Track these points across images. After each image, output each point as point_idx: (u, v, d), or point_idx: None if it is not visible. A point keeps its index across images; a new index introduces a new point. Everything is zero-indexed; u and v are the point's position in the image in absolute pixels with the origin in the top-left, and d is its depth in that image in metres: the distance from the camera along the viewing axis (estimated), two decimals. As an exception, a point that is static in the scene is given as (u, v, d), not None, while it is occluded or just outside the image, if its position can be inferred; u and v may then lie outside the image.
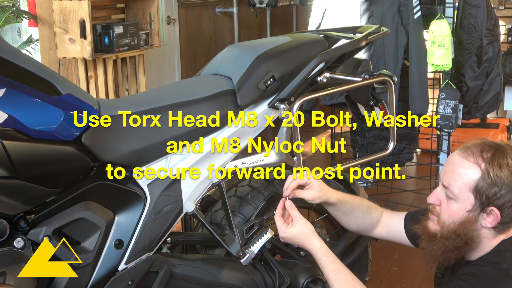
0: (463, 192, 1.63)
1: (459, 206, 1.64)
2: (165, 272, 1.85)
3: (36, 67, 1.66)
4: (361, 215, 1.93)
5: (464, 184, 1.63)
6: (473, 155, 1.64)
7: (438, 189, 1.71)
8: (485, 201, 1.61)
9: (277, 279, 2.02)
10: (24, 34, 4.36)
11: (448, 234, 1.66)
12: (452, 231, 1.66)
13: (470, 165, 1.63)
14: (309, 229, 1.78)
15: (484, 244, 1.67)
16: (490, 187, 1.60)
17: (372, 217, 1.95)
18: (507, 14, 5.44)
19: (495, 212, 1.61)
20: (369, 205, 1.97)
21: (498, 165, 1.61)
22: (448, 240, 1.66)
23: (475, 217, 1.63)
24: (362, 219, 1.93)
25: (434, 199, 1.70)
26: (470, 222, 1.64)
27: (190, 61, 5.48)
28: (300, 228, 1.78)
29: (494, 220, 1.62)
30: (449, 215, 1.67)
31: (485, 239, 1.66)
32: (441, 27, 3.28)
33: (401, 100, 3.65)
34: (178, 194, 1.85)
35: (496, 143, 1.67)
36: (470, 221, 1.64)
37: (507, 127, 4.90)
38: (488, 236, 1.66)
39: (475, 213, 1.63)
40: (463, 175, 1.63)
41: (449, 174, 1.66)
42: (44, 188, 1.65)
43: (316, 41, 2.01)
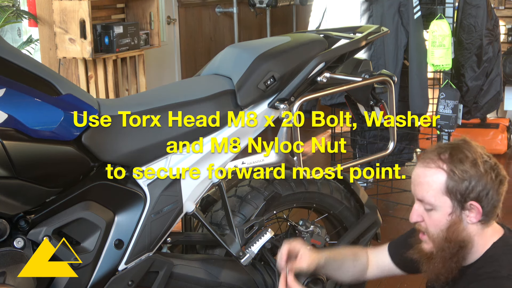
0: (438, 198, 1.64)
1: (440, 213, 1.65)
2: (165, 272, 1.85)
3: (36, 67, 1.66)
4: (350, 263, 1.94)
5: (436, 191, 1.64)
6: (432, 160, 1.65)
7: (415, 206, 1.71)
8: (461, 198, 1.63)
9: (277, 279, 2.02)
10: (24, 34, 4.36)
11: (441, 245, 1.67)
12: (443, 240, 1.66)
13: (433, 171, 1.64)
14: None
15: (475, 243, 1.67)
16: (460, 183, 1.62)
17: (360, 261, 1.95)
18: (507, 14, 5.44)
19: (475, 205, 1.63)
20: (354, 250, 1.98)
21: (459, 160, 1.63)
22: (443, 250, 1.67)
23: (458, 217, 1.64)
24: (353, 267, 1.94)
25: (416, 217, 1.71)
26: (456, 224, 1.65)
27: (190, 61, 5.48)
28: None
29: (477, 213, 1.63)
30: (435, 226, 1.67)
31: (476, 237, 1.67)
32: (441, 27, 3.28)
33: (401, 100, 3.65)
34: (178, 194, 1.85)
35: (449, 143, 1.70)
36: (455, 223, 1.65)
37: (507, 127, 4.90)
38: (477, 232, 1.67)
39: (457, 213, 1.64)
40: (431, 182, 1.65)
41: (419, 187, 1.68)
42: (44, 188, 1.65)
43: (316, 41, 2.01)
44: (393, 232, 3.48)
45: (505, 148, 4.83)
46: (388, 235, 3.39)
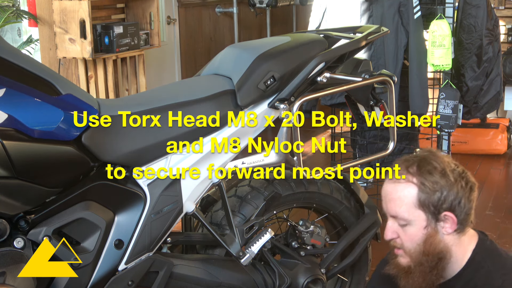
0: (412, 212, 1.63)
1: (415, 228, 1.64)
2: (165, 272, 1.85)
3: (36, 67, 1.66)
4: None
5: (408, 205, 1.63)
6: (401, 175, 1.65)
7: (389, 223, 1.70)
8: (435, 210, 1.62)
9: (277, 279, 2.03)
10: (24, 34, 4.36)
11: (419, 259, 1.65)
12: (421, 254, 1.65)
13: (403, 186, 1.64)
14: None
15: (454, 253, 1.66)
16: (431, 195, 1.61)
17: None
18: (507, 14, 5.44)
19: (449, 215, 1.62)
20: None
21: (428, 172, 1.62)
22: (422, 265, 1.65)
23: (434, 229, 1.63)
24: None
25: (391, 234, 1.69)
26: (432, 237, 1.64)
27: (190, 61, 5.48)
28: None
29: (452, 223, 1.63)
30: (411, 241, 1.66)
31: (453, 247, 1.66)
32: (441, 27, 3.28)
33: (401, 100, 3.65)
34: (178, 194, 1.85)
35: (415, 155, 1.68)
36: (431, 235, 1.64)
37: (507, 127, 4.91)
38: (454, 242, 1.66)
39: (432, 226, 1.63)
40: (402, 197, 1.64)
41: (390, 204, 1.67)
42: (44, 188, 1.65)
43: (316, 41, 2.01)
44: (393, 232, 3.48)
45: (505, 148, 4.83)
46: (388, 235, 3.39)
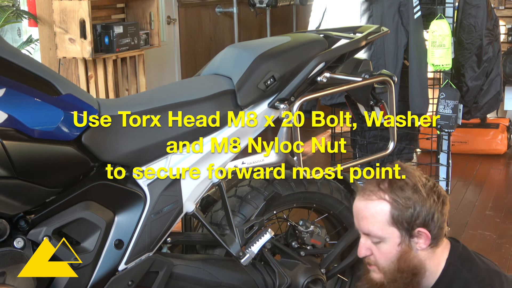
0: (385, 230, 1.61)
1: (389, 245, 1.62)
2: (165, 272, 1.85)
3: (36, 67, 1.66)
4: None
5: (381, 223, 1.61)
6: (373, 192, 1.63)
7: (362, 240, 1.68)
8: (408, 226, 1.60)
9: (277, 279, 2.02)
10: (24, 34, 4.36)
11: (393, 276, 1.63)
12: (395, 271, 1.63)
13: (376, 203, 1.62)
14: None
15: (428, 266, 1.64)
16: (404, 211, 1.59)
17: None
18: (507, 14, 5.44)
19: (423, 231, 1.60)
20: None
21: (400, 188, 1.60)
22: (396, 281, 1.63)
23: (408, 246, 1.62)
24: None
25: (364, 251, 1.67)
26: (406, 253, 1.62)
27: (190, 61, 5.48)
28: None
29: (426, 239, 1.61)
30: (385, 258, 1.64)
31: (427, 261, 1.64)
32: (441, 27, 3.28)
33: (401, 100, 3.65)
34: (178, 194, 1.85)
35: (387, 170, 1.66)
36: (405, 252, 1.62)
37: (507, 127, 4.91)
38: (428, 256, 1.64)
39: (406, 242, 1.61)
40: (375, 215, 1.62)
41: (363, 221, 1.65)
42: (44, 188, 1.65)
43: (316, 41, 2.01)
44: (393, 232, 3.48)
45: (505, 148, 4.83)
46: (388, 235, 3.39)
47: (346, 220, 2.27)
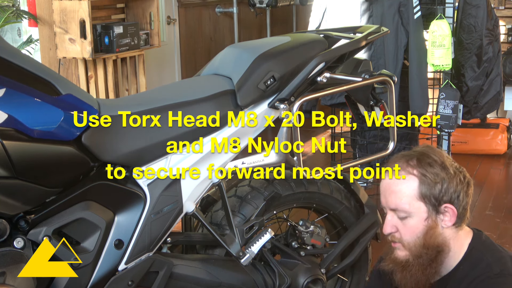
0: (412, 204, 1.63)
1: (415, 220, 1.64)
2: (165, 272, 1.85)
3: (36, 67, 1.66)
4: None
5: (409, 197, 1.63)
6: (402, 168, 1.65)
7: (388, 217, 1.69)
8: (435, 202, 1.62)
9: (277, 279, 2.02)
10: (24, 34, 4.36)
11: (419, 252, 1.65)
12: (421, 247, 1.65)
13: (405, 179, 1.64)
14: None
15: (452, 246, 1.66)
16: (432, 187, 1.62)
17: None
18: (507, 14, 5.44)
19: (450, 207, 1.63)
20: None
21: (428, 164, 1.63)
22: (421, 257, 1.65)
23: (434, 222, 1.64)
24: None
25: (390, 228, 1.69)
26: (432, 229, 1.64)
27: (190, 61, 5.48)
28: None
29: (452, 216, 1.64)
30: (411, 233, 1.66)
31: (451, 241, 1.66)
32: (441, 27, 3.28)
33: (401, 100, 3.65)
34: (178, 194, 1.85)
35: (413, 150, 1.69)
36: (432, 227, 1.64)
37: (507, 127, 4.91)
38: (453, 236, 1.66)
39: (432, 218, 1.64)
40: (403, 189, 1.64)
41: (391, 197, 1.67)
42: (44, 188, 1.65)
43: (316, 41, 2.01)
44: (393, 232, 3.48)
45: (505, 148, 4.84)
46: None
47: (346, 220, 2.27)
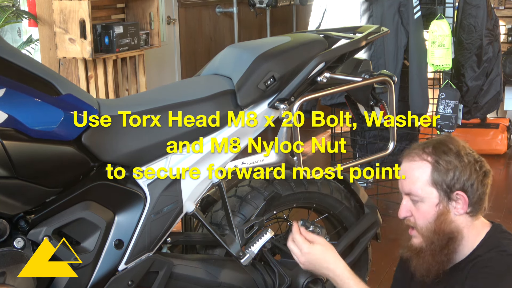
0: (425, 189, 1.68)
1: (427, 205, 1.68)
2: (165, 272, 1.85)
3: (36, 67, 1.66)
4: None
5: (422, 182, 1.68)
6: (417, 154, 1.70)
7: (403, 202, 1.74)
8: (447, 188, 1.66)
9: (277, 279, 2.02)
10: (24, 34, 4.36)
11: (430, 237, 1.69)
12: (432, 232, 1.68)
13: (419, 164, 1.69)
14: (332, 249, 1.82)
15: (466, 235, 1.69)
16: (445, 174, 1.66)
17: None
18: (507, 14, 5.44)
19: (461, 195, 1.65)
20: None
21: (443, 152, 1.67)
22: (432, 243, 1.69)
23: (445, 208, 1.67)
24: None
25: (404, 212, 1.74)
26: (444, 215, 1.67)
27: (190, 61, 5.48)
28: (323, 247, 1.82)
29: (464, 203, 1.66)
30: (423, 218, 1.70)
31: (465, 229, 1.69)
32: (441, 27, 3.28)
33: (401, 100, 3.65)
34: (178, 194, 1.85)
35: (433, 138, 1.75)
36: (443, 213, 1.67)
37: (507, 127, 4.91)
38: (467, 224, 1.69)
39: (443, 204, 1.67)
40: (417, 175, 1.69)
41: (406, 182, 1.72)
42: (44, 188, 1.65)
43: (316, 41, 2.01)
44: (393, 232, 3.48)
45: (505, 148, 4.84)
46: (388, 235, 3.40)
47: (346, 220, 2.27)
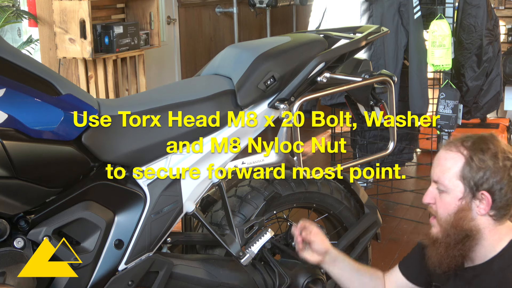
0: (452, 181, 1.66)
1: (451, 197, 1.67)
2: (165, 272, 1.85)
3: (36, 67, 1.66)
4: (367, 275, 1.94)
5: (451, 174, 1.67)
6: (455, 145, 1.69)
7: (430, 188, 1.74)
8: (474, 186, 1.64)
9: (277, 279, 2.03)
10: (24, 34, 4.36)
11: (447, 230, 1.68)
12: (449, 224, 1.67)
13: (453, 155, 1.67)
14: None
15: (486, 237, 1.67)
16: (475, 171, 1.64)
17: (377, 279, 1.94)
18: (507, 14, 5.44)
19: (486, 196, 1.63)
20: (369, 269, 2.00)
21: (480, 150, 1.65)
22: (448, 236, 1.67)
23: (467, 204, 1.66)
24: (370, 279, 1.94)
25: (429, 198, 1.73)
26: (464, 211, 1.66)
27: (190, 61, 5.48)
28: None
29: (486, 204, 1.64)
30: (444, 209, 1.69)
31: (486, 230, 1.67)
32: (441, 27, 3.28)
33: (401, 100, 3.65)
34: (178, 194, 1.85)
35: (477, 134, 1.72)
36: (464, 209, 1.66)
37: (507, 127, 4.90)
38: (488, 226, 1.67)
39: (466, 200, 1.66)
40: (448, 165, 1.68)
41: (437, 169, 1.71)
42: (44, 188, 1.65)
43: (316, 41, 2.01)
44: (393, 232, 3.48)
45: (505, 148, 4.82)
46: (388, 235, 3.40)
47: (346, 220, 2.27)
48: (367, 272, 1.96)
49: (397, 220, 3.69)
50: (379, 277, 1.95)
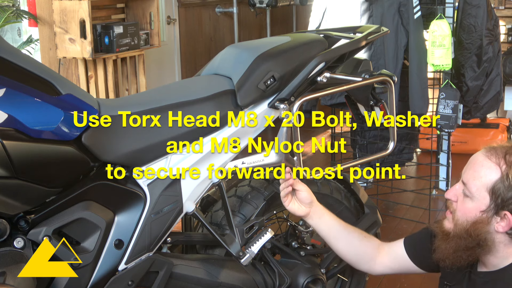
0: (480, 191, 1.61)
1: (473, 205, 1.62)
2: (165, 272, 1.85)
3: (36, 67, 1.66)
4: (357, 236, 1.90)
5: (482, 183, 1.61)
6: (496, 155, 1.61)
7: (457, 185, 1.69)
8: (500, 203, 1.59)
9: (277, 279, 2.03)
10: (24, 34, 4.36)
11: (460, 233, 1.65)
12: (464, 230, 1.64)
13: (491, 165, 1.60)
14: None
15: (500, 250, 1.64)
16: (507, 190, 1.58)
17: (370, 242, 1.91)
18: (507, 14, 5.45)
19: (509, 217, 1.59)
20: (363, 232, 1.96)
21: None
22: (460, 239, 1.65)
23: (488, 218, 1.61)
24: (359, 241, 1.90)
25: (452, 195, 1.69)
26: (482, 223, 1.62)
27: (190, 61, 5.48)
28: None
29: (506, 225, 1.60)
30: (463, 213, 1.65)
31: (501, 245, 1.64)
32: (441, 27, 3.28)
33: (401, 100, 3.65)
34: (178, 194, 1.85)
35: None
36: (482, 222, 1.62)
37: (507, 127, 4.91)
38: (504, 242, 1.63)
39: (488, 214, 1.61)
40: (482, 174, 1.61)
41: (469, 172, 1.65)
42: (44, 188, 1.65)
43: (316, 41, 2.01)
44: (393, 232, 3.48)
45: (505, 148, 4.82)
46: (388, 235, 3.40)
47: (346, 220, 2.26)
48: (356, 234, 1.91)
49: (397, 220, 3.68)
50: (371, 244, 1.91)
